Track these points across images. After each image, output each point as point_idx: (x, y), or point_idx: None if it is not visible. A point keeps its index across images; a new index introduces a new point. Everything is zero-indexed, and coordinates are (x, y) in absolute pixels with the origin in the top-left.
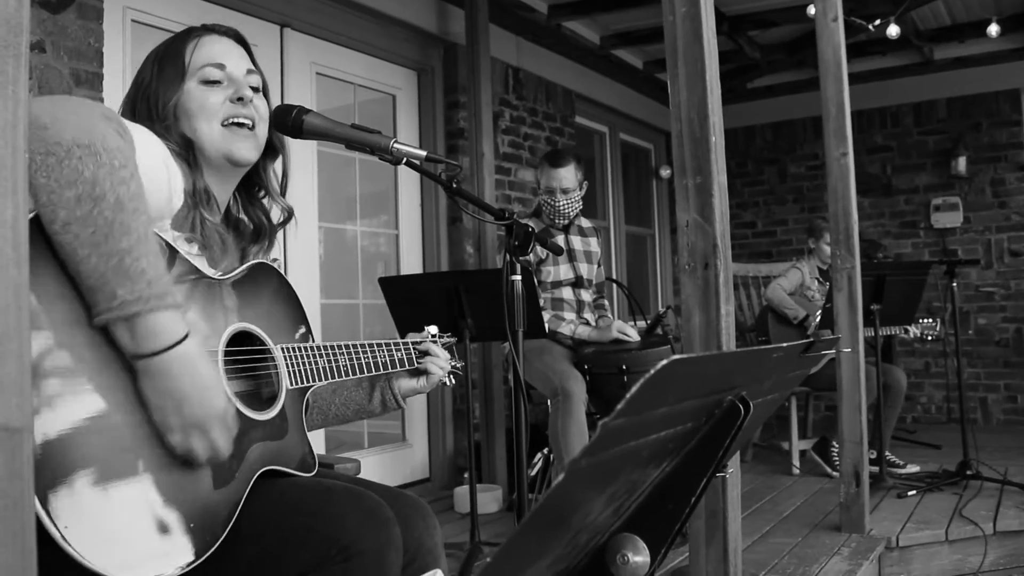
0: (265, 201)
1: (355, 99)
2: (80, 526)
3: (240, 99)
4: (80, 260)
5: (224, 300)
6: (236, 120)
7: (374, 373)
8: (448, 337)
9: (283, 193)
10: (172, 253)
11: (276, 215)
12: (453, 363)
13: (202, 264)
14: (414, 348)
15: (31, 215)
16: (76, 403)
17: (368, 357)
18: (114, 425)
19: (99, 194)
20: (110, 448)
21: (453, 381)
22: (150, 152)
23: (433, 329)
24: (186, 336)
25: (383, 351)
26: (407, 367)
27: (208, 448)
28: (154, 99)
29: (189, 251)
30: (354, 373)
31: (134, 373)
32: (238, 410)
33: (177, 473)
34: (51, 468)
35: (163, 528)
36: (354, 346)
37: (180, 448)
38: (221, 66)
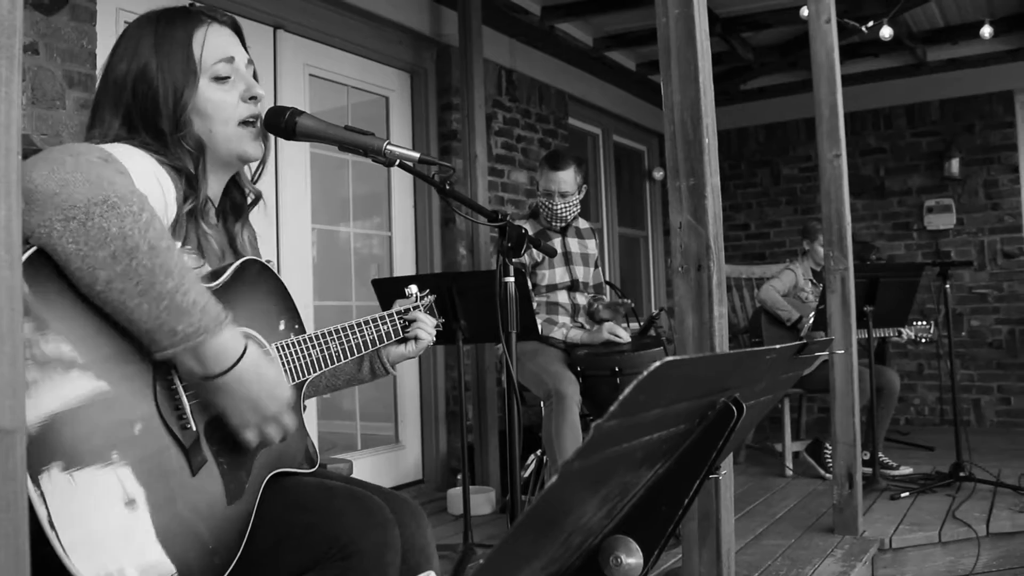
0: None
1: (348, 101)
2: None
3: (253, 98)
4: (132, 310)
5: None
6: (249, 119)
7: (365, 352)
8: (428, 296)
9: (255, 182)
10: None
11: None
12: (437, 322)
13: (203, 270)
14: (399, 317)
15: (30, 252)
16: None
17: (358, 337)
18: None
19: (132, 246)
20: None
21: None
22: (143, 171)
23: (414, 288)
24: (247, 347)
25: (371, 328)
26: (396, 338)
27: (281, 432)
28: (165, 100)
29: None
30: (347, 356)
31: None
32: None
33: (195, 493)
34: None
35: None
36: (343, 329)
37: (255, 439)
38: (230, 60)
